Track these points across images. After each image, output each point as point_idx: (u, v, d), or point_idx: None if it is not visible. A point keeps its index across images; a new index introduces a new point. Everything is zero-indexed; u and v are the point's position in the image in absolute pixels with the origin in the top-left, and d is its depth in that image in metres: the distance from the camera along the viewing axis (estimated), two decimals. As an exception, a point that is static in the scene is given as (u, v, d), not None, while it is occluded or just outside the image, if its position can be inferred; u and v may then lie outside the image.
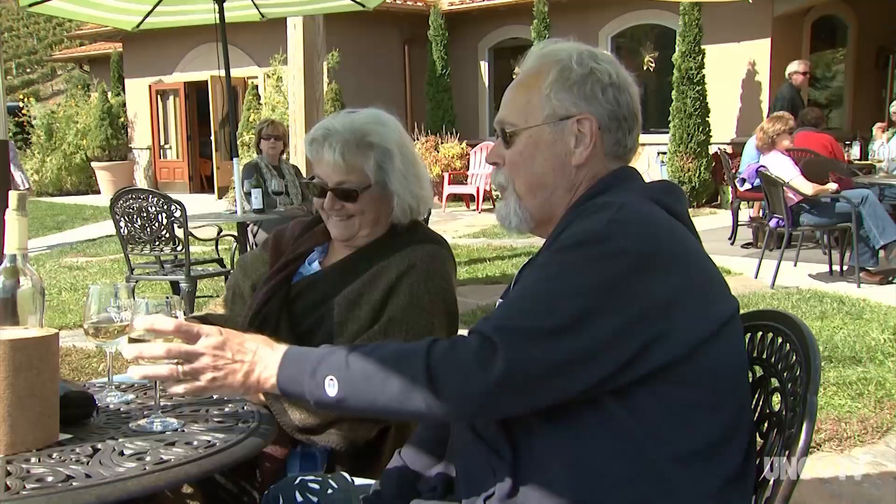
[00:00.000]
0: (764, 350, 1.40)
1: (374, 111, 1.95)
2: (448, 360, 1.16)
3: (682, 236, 1.28)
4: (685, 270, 1.23)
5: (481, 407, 1.19)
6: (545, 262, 1.26)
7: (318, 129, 1.92)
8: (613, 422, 1.20)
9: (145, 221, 4.96)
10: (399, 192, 1.91)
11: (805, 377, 1.24)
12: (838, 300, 5.63)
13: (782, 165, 6.26)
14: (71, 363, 4.63)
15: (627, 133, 1.38)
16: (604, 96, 1.36)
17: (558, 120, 1.36)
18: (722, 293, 1.29)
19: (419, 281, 1.82)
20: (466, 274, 7.05)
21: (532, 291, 1.22)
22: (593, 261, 1.18)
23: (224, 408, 1.49)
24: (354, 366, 1.21)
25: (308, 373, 1.24)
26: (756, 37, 12.05)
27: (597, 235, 1.20)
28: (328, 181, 1.89)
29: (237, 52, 14.06)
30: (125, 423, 1.39)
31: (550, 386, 1.17)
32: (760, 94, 12.22)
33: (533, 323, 1.16)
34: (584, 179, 1.37)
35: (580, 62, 1.36)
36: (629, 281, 1.17)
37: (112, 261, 8.45)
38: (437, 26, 14.61)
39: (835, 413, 3.53)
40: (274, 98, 13.86)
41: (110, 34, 16.93)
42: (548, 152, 1.37)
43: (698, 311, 1.22)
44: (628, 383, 1.19)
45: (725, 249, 7.90)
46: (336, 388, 1.21)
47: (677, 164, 11.63)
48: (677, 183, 11.20)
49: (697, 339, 1.20)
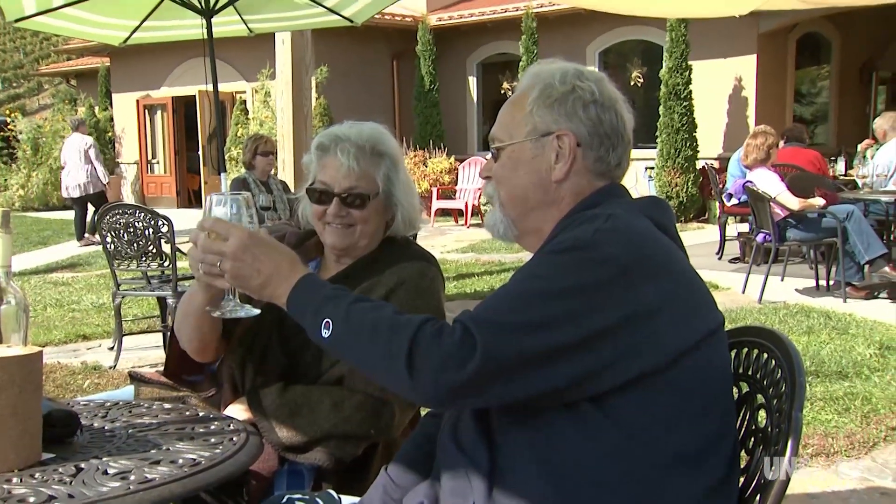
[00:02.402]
0: (750, 366, 1.41)
1: (373, 124, 1.96)
2: (430, 346, 1.18)
3: (669, 248, 1.31)
4: (670, 281, 1.25)
5: (449, 400, 1.21)
6: (532, 263, 1.29)
7: (327, 135, 1.92)
8: (592, 428, 1.21)
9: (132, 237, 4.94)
10: (403, 202, 1.92)
11: (790, 393, 1.25)
12: (825, 315, 5.66)
13: (769, 181, 6.30)
14: (55, 380, 4.59)
15: (611, 150, 1.40)
16: (585, 113, 1.38)
17: (539, 136, 1.39)
18: (706, 306, 1.31)
19: (408, 298, 1.82)
20: (455, 289, 7.05)
21: (516, 289, 1.25)
22: (579, 264, 1.21)
23: (210, 425, 1.48)
24: (352, 318, 1.27)
25: (312, 308, 1.31)
26: (742, 53, 12.18)
27: (585, 242, 1.23)
28: (335, 186, 1.87)
29: (225, 66, 14.07)
30: (109, 442, 1.38)
31: (518, 382, 1.18)
32: (747, 110, 12.34)
33: (513, 318, 1.19)
34: (566, 195, 1.40)
35: (563, 80, 1.39)
36: (613, 287, 1.20)
37: (98, 276, 8.40)
38: (425, 41, 14.68)
39: (822, 428, 3.54)
40: (262, 113, 13.88)
41: (97, 49, 16.93)
42: (528, 167, 1.41)
43: (681, 322, 1.23)
44: (608, 390, 1.20)
45: (713, 264, 7.94)
46: (329, 332, 1.27)
47: (665, 178, 11.71)
48: (665, 198, 11.34)
49: (679, 349, 1.22)
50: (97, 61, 19.05)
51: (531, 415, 1.24)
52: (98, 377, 4.67)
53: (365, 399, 1.75)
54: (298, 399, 1.77)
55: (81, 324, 6.12)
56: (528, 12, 13.22)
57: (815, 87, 14.39)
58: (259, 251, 1.37)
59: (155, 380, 2.04)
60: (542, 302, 1.20)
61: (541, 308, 1.19)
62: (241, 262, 1.37)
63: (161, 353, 5.09)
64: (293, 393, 1.79)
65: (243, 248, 1.37)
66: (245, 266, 1.37)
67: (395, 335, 1.21)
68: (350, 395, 1.75)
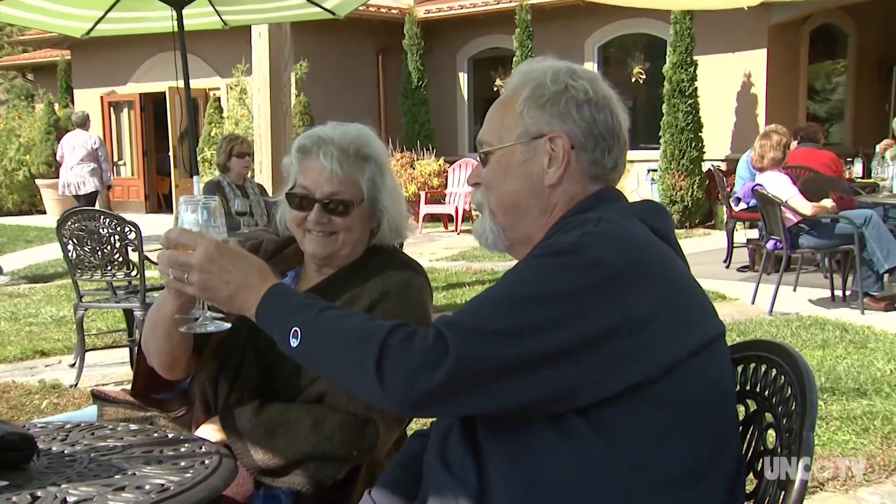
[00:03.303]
0: (757, 382, 1.42)
1: (359, 125, 1.97)
2: (400, 351, 1.20)
3: (663, 253, 1.32)
4: (663, 288, 1.26)
5: (421, 406, 1.23)
6: (517, 268, 1.31)
7: (309, 136, 1.92)
8: (582, 443, 1.22)
9: (96, 244, 4.92)
10: (388, 209, 1.93)
11: (801, 411, 1.26)
12: (841, 328, 5.69)
13: (780, 183, 6.33)
14: (10, 401, 4.55)
15: (606, 152, 1.41)
16: (578, 113, 1.39)
17: (530, 139, 1.41)
18: (704, 315, 1.32)
19: (393, 309, 1.82)
20: (444, 300, 7.06)
21: (497, 292, 1.27)
22: (565, 269, 1.23)
23: (180, 447, 1.48)
24: (320, 326, 1.31)
25: (281, 317, 1.36)
26: (751, 47, 12.27)
27: (571, 246, 1.25)
28: (317, 192, 1.88)
29: (197, 61, 14.07)
30: (69, 467, 1.38)
31: (496, 390, 1.20)
32: (756, 108, 12.42)
33: (490, 323, 1.21)
34: (559, 201, 1.41)
35: (555, 79, 1.41)
36: (600, 293, 1.21)
37: (58, 287, 8.36)
38: (412, 35, 14.71)
39: (839, 450, 3.56)
40: (237, 111, 13.87)
41: (57, 40, 16.85)
42: (519, 171, 1.42)
43: (675, 332, 1.25)
44: (597, 402, 1.21)
45: (720, 273, 7.98)
46: (298, 341, 1.32)
47: (668, 181, 11.77)
48: (669, 202, 11.40)
49: (672, 360, 1.23)
50: (56, 54, 18.98)
51: (518, 429, 1.26)
52: (57, 397, 4.64)
53: (347, 418, 1.75)
54: (275, 418, 1.77)
55: (39, 338, 6.09)
56: (523, 4, 13.28)
57: (830, 83, 14.49)
58: (227, 261, 1.40)
59: (120, 399, 2.03)
60: (524, 307, 1.21)
61: (522, 313, 1.21)
62: (209, 273, 1.40)
63: (127, 370, 5.07)
64: (270, 411, 1.78)
65: (210, 258, 1.40)
66: (213, 277, 1.40)
67: (365, 341, 1.23)
68: (331, 414, 1.75)
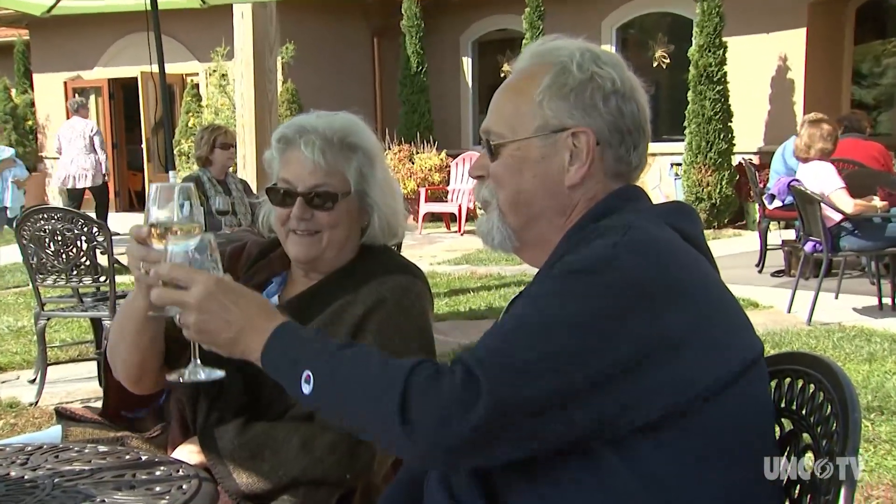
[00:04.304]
0: (793, 399, 1.42)
1: (347, 114, 1.98)
2: (427, 394, 1.18)
3: (698, 265, 1.31)
4: (700, 304, 1.25)
5: (453, 456, 1.21)
6: (541, 290, 1.29)
7: (290, 125, 1.93)
8: (609, 477, 1.22)
9: (60, 247, 4.92)
10: (379, 204, 1.94)
11: (842, 433, 1.26)
12: (890, 339, 5.66)
13: (825, 175, 6.26)
14: (-34, 419, 4.56)
15: (632, 148, 1.41)
16: (605, 106, 1.38)
17: (550, 132, 1.38)
18: (743, 333, 1.31)
19: (389, 319, 1.83)
20: (447, 307, 7.06)
21: (524, 320, 1.25)
22: (595, 289, 1.22)
23: (154, 471, 1.48)
24: (335, 370, 1.28)
25: (290, 361, 1.32)
26: (788, 26, 12.23)
27: (600, 261, 1.23)
28: (299, 185, 1.89)
29: (173, 43, 14.07)
30: (30, 495, 1.38)
31: (535, 430, 1.19)
32: (793, 95, 12.40)
33: (520, 355, 1.19)
34: (579, 202, 1.40)
35: (580, 65, 1.38)
36: (635, 314, 1.20)
37: (16, 293, 8.36)
38: (411, 16, 14.72)
39: (889, 476, 3.54)
40: (217, 100, 13.88)
41: (13, 18, 16.66)
42: (537, 169, 1.40)
43: (712, 354, 1.24)
44: (627, 433, 1.21)
45: (752, 278, 7.97)
46: (311, 386, 1.28)
47: (694, 177, 11.76)
48: (695, 199, 11.36)
49: (710, 386, 1.23)
50: (13, 34, 18.88)
51: (538, 461, 1.24)
52: (15, 416, 4.64)
53: (339, 438, 1.75)
54: (260, 438, 1.77)
55: (-4, 351, 6.10)
56: (534, -20, 13.29)
57: (879, 66, 14.31)
58: (228, 300, 1.36)
59: (87, 418, 2.04)
60: (554, 335, 1.20)
61: (552, 343, 1.19)
62: (208, 313, 1.36)
63: (95, 385, 5.06)
64: (254, 431, 1.79)
65: (209, 296, 1.36)
66: (212, 318, 1.36)
67: (385, 383, 1.20)
68: (322, 433, 1.76)
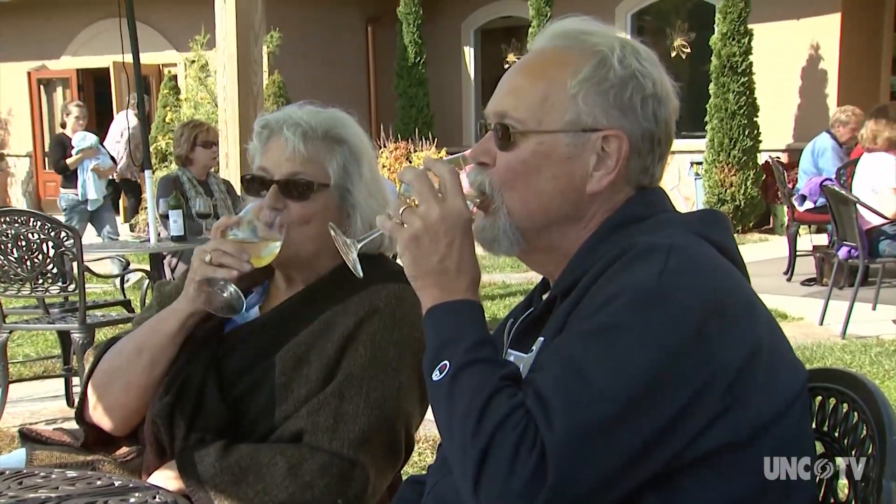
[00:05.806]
0: (825, 420, 1.42)
1: (336, 109, 1.99)
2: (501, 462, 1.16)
3: (742, 285, 1.30)
4: (753, 327, 1.25)
5: None
6: (590, 329, 1.23)
7: (275, 114, 1.96)
8: None
9: (24, 252, 4.91)
10: (362, 206, 1.93)
11: (879, 456, 1.26)
12: (933, 355, 5.66)
13: (887, 169, 6.25)
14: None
15: (657, 159, 1.40)
16: (643, 109, 1.35)
17: (580, 131, 1.35)
18: (790, 357, 1.31)
19: (383, 329, 1.84)
20: (447, 320, 7.05)
21: (578, 364, 1.19)
22: (652, 325, 1.19)
23: (128, 498, 1.48)
24: (460, 378, 1.25)
25: (442, 339, 1.31)
26: (821, 11, 12.21)
27: (652, 294, 1.20)
28: (276, 172, 1.90)
29: (149, 31, 14.07)
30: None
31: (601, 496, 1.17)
32: (825, 86, 12.38)
33: (590, 415, 1.15)
34: (598, 210, 1.38)
35: (621, 60, 1.35)
36: (696, 345, 1.19)
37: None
38: (408, 1, 14.74)
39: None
40: (197, 93, 13.87)
41: (-28, 4, 16.80)
42: (559, 169, 1.36)
43: (767, 381, 1.24)
44: (672, 469, 1.20)
45: (781, 286, 7.96)
46: (441, 377, 1.27)
47: (716, 177, 11.76)
48: (717, 201, 11.34)
49: (764, 417, 1.22)
50: (-29, 20, 18.98)
51: None
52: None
53: (330, 460, 1.75)
54: (244, 461, 1.77)
55: (-46, 368, 6.08)
56: (541, -37, 13.31)
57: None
58: (462, 243, 1.31)
59: (54, 440, 2.04)
60: (622, 382, 1.16)
61: (622, 392, 1.16)
62: (434, 234, 1.30)
63: (62, 405, 5.06)
64: (237, 454, 1.79)
65: (454, 225, 1.31)
66: (437, 241, 1.30)
67: (473, 428, 1.18)
68: (311, 456, 1.76)
